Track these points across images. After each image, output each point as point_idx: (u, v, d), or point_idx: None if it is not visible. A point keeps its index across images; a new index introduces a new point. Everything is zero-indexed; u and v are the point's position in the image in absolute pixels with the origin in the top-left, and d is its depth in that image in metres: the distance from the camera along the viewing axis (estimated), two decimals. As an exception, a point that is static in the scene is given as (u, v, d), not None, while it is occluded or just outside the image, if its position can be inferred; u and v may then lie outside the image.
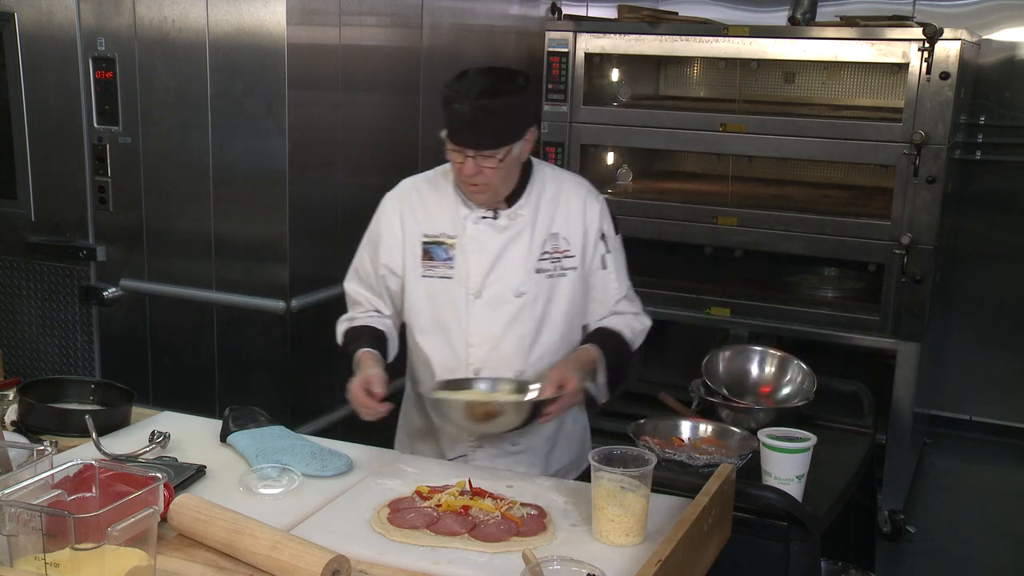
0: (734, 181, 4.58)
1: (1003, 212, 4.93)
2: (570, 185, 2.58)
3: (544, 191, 2.53)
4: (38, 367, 3.94)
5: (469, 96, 2.30)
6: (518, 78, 2.40)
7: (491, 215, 2.49)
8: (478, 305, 2.49)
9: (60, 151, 3.77)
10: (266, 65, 3.35)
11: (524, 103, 2.39)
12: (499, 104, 2.31)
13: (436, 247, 2.51)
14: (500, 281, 2.49)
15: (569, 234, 2.53)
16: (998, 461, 4.96)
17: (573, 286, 2.53)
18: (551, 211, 2.52)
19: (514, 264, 2.49)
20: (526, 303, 2.49)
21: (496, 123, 2.33)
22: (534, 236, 2.50)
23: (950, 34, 3.87)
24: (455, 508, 2.01)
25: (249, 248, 3.51)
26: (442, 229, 2.51)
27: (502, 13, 4.70)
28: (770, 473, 2.37)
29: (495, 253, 2.48)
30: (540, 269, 2.50)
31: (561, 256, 2.52)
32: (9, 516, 1.63)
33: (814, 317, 4.25)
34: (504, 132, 2.35)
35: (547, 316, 2.51)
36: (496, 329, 2.49)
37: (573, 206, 2.54)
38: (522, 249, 2.49)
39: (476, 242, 2.49)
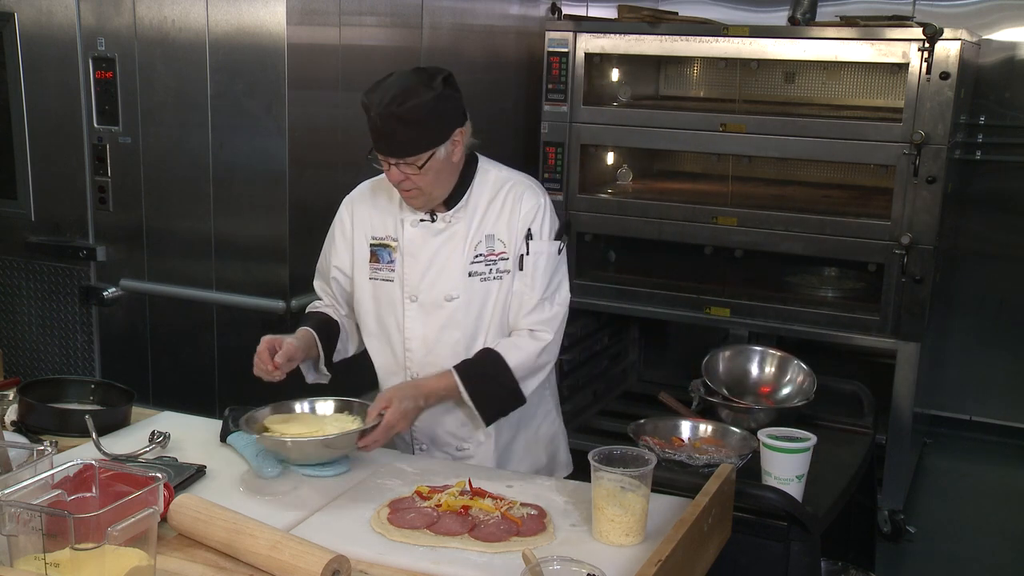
0: (734, 181, 4.57)
1: (1003, 212, 4.93)
2: (511, 184, 2.50)
3: (484, 192, 2.48)
4: (38, 367, 3.94)
5: (380, 105, 2.27)
6: (435, 80, 2.33)
7: (428, 218, 2.47)
8: (413, 309, 2.48)
9: (60, 151, 3.77)
10: (266, 65, 3.35)
11: (441, 105, 2.31)
12: (409, 111, 2.26)
13: (381, 249, 2.51)
14: (434, 285, 2.46)
15: (504, 235, 2.46)
16: (998, 461, 4.96)
17: (509, 288, 2.47)
18: (490, 212, 2.47)
19: (447, 267, 2.45)
20: (458, 307, 2.45)
21: (410, 131, 2.28)
22: (468, 239, 2.45)
23: (950, 34, 3.87)
24: (455, 508, 2.01)
25: (249, 248, 3.51)
26: (387, 232, 2.51)
27: (502, 13, 4.70)
28: (770, 473, 2.37)
29: (430, 256, 2.46)
30: (473, 272, 2.45)
31: (496, 258, 2.46)
32: (9, 516, 1.63)
33: (814, 317, 4.25)
34: (421, 138, 2.30)
35: (481, 320, 2.47)
36: (431, 333, 2.47)
37: (508, 205, 2.47)
38: (456, 252, 2.45)
39: (413, 245, 2.47)
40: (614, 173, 4.89)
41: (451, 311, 2.46)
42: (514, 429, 2.58)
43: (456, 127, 2.36)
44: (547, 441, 2.69)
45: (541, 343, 2.45)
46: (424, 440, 2.57)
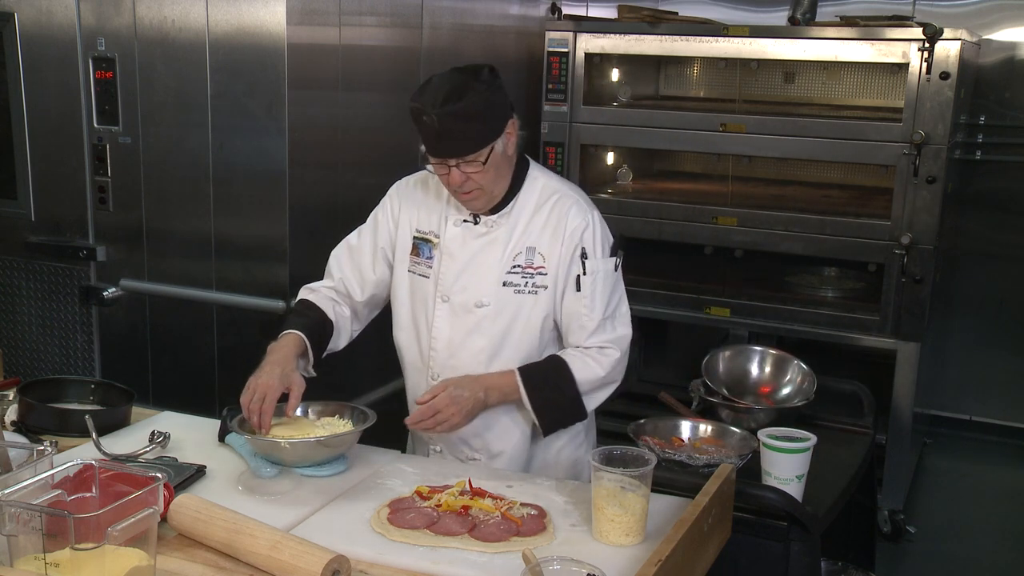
0: (734, 181, 4.58)
1: (1003, 212, 4.93)
2: (559, 196, 2.42)
3: (531, 200, 2.41)
4: (38, 367, 3.94)
5: (435, 106, 2.20)
6: (482, 73, 2.27)
7: (471, 220, 2.41)
8: (444, 309, 2.43)
9: (60, 151, 3.77)
10: (266, 65, 3.35)
11: (494, 97, 2.26)
12: (467, 106, 2.20)
13: (423, 244, 2.46)
14: (466, 288, 2.40)
15: (547, 250, 2.38)
16: (998, 461, 4.96)
17: (544, 306, 2.39)
18: (534, 223, 2.39)
19: (482, 273, 2.40)
20: (487, 315, 2.39)
21: (469, 126, 2.23)
22: (508, 247, 2.39)
23: (950, 34, 3.87)
24: (455, 508, 2.01)
25: (249, 248, 3.51)
26: (431, 227, 2.46)
27: (502, 13, 4.70)
28: (770, 473, 2.37)
29: (467, 259, 2.41)
30: (508, 283, 2.39)
31: (534, 272, 2.38)
32: (9, 516, 1.63)
33: (814, 317, 4.25)
34: (481, 133, 2.25)
35: (510, 333, 2.40)
36: (456, 336, 2.42)
37: (555, 219, 2.39)
38: (493, 259, 2.39)
39: (453, 244, 2.42)
40: (614, 173, 4.90)
41: (479, 318, 2.40)
42: (534, 448, 2.50)
43: (508, 118, 2.32)
44: (569, 464, 2.56)
45: (610, 359, 2.38)
46: (439, 443, 2.52)
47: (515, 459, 2.48)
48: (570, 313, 2.39)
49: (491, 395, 2.34)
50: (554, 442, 2.52)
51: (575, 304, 2.38)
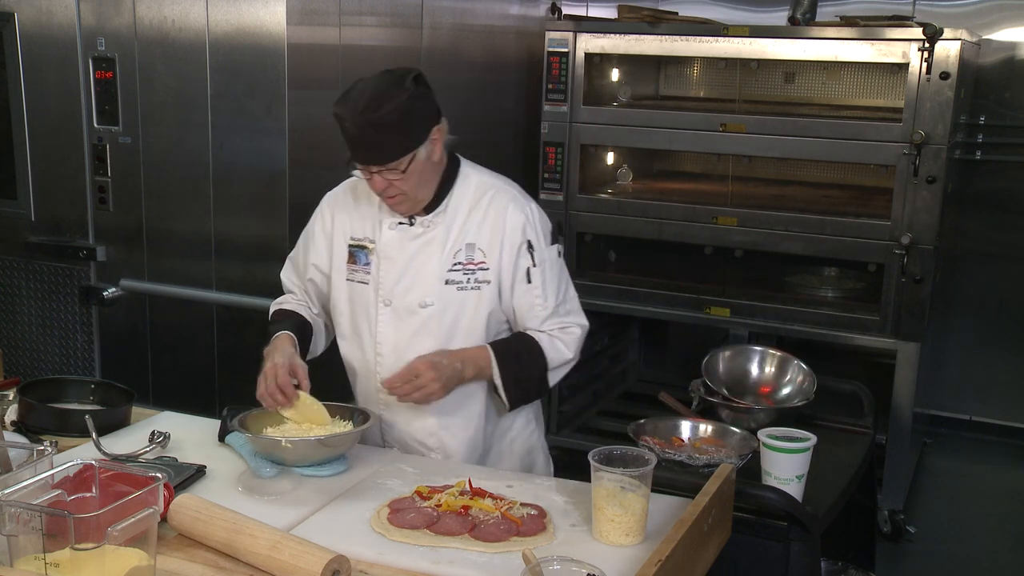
0: (734, 181, 4.57)
1: (1003, 212, 4.93)
2: (495, 191, 2.44)
3: (466, 197, 2.43)
4: (38, 367, 3.94)
5: (354, 114, 2.22)
6: (405, 80, 2.28)
7: (406, 221, 2.42)
8: (387, 314, 2.44)
9: (60, 151, 3.77)
10: (266, 65, 3.35)
11: (416, 105, 2.26)
12: (385, 116, 2.21)
13: (359, 251, 2.47)
14: (409, 290, 2.41)
15: (486, 245, 2.40)
16: (998, 461, 4.96)
17: (488, 301, 2.41)
18: (470, 219, 2.41)
19: (423, 274, 2.41)
20: (432, 315, 2.41)
21: (388, 136, 2.24)
22: (447, 245, 2.40)
23: (950, 34, 3.87)
24: (455, 508, 2.01)
25: (249, 248, 3.51)
26: (365, 233, 2.47)
27: (502, 13, 4.70)
28: (770, 473, 2.37)
29: (405, 261, 2.42)
30: (450, 280, 2.40)
31: (475, 268, 2.40)
32: (9, 516, 1.63)
33: (814, 317, 4.25)
34: (400, 142, 2.26)
35: (456, 330, 2.41)
36: (402, 339, 2.43)
37: (493, 214, 2.41)
38: (433, 258, 2.40)
39: (389, 248, 2.43)
40: (614, 173, 4.89)
41: (425, 318, 2.41)
42: (489, 440, 2.54)
43: (433, 125, 2.32)
44: (523, 454, 2.62)
45: (573, 337, 2.46)
46: (395, 443, 2.54)
47: (471, 453, 2.51)
48: (523, 305, 2.43)
49: (467, 367, 2.37)
50: (507, 433, 2.58)
51: (527, 296, 2.42)
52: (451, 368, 2.34)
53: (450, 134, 2.41)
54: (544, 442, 2.72)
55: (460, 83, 4.33)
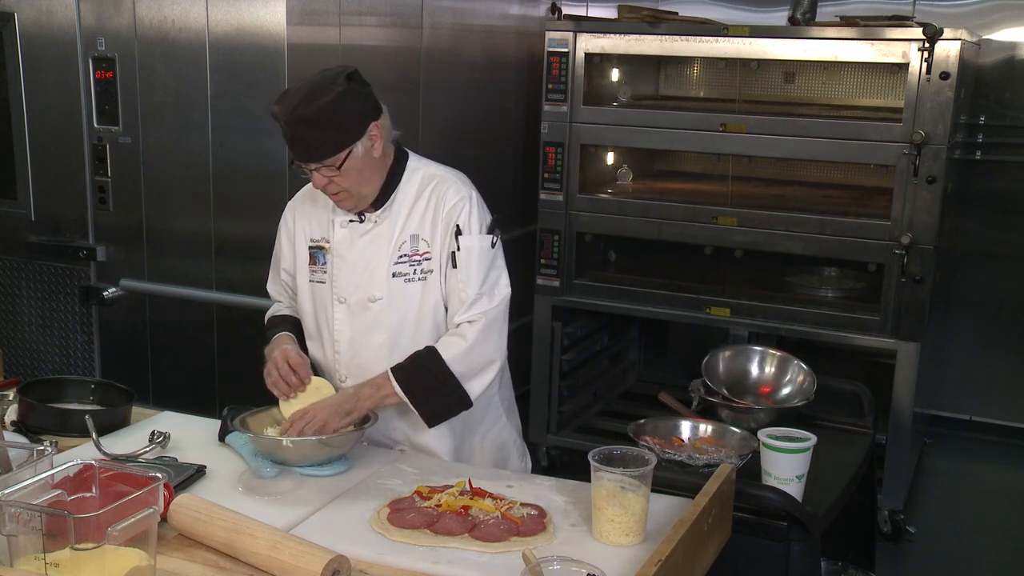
0: (734, 181, 4.57)
1: (1003, 212, 4.93)
2: (438, 181, 2.45)
3: (411, 190, 2.45)
4: (38, 367, 3.94)
5: (287, 112, 2.26)
6: (338, 79, 2.30)
7: (356, 219, 2.45)
8: (342, 310, 2.47)
9: (60, 151, 3.77)
10: (266, 65, 3.35)
11: (348, 103, 2.29)
12: (315, 113, 2.24)
13: (318, 251, 2.51)
14: (360, 286, 2.45)
15: (428, 234, 2.43)
16: (998, 461, 4.96)
17: (435, 290, 2.43)
18: (414, 211, 2.44)
19: (372, 268, 2.44)
20: (382, 309, 2.43)
21: (320, 132, 2.27)
22: (393, 239, 2.43)
23: (950, 34, 3.87)
24: (455, 508, 2.01)
25: (249, 248, 3.51)
26: (322, 233, 2.51)
27: (502, 13, 4.70)
28: (770, 473, 2.37)
29: (356, 258, 2.45)
30: (397, 273, 2.42)
31: (420, 259, 2.43)
32: (9, 516, 1.63)
33: (814, 317, 4.25)
34: (332, 139, 2.28)
35: (405, 322, 2.43)
36: (357, 335, 2.46)
37: (434, 202, 2.43)
38: (380, 252, 2.43)
39: (341, 246, 2.46)
40: (614, 173, 4.89)
41: (375, 313, 2.44)
42: (459, 436, 2.54)
43: (370, 121, 2.34)
44: (495, 448, 2.63)
45: (474, 328, 2.37)
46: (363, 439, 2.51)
47: (442, 451, 2.51)
48: (448, 291, 2.43)
49: (362, 390, 2.34)
50: (476, 428, 2.57)
51: (452, 280, 2.42)
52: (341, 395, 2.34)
53: (394, 129, 2.44)
54: (518, 437, 2.72)
55: (460, 83, 4.33)
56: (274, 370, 2.39)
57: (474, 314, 2.39)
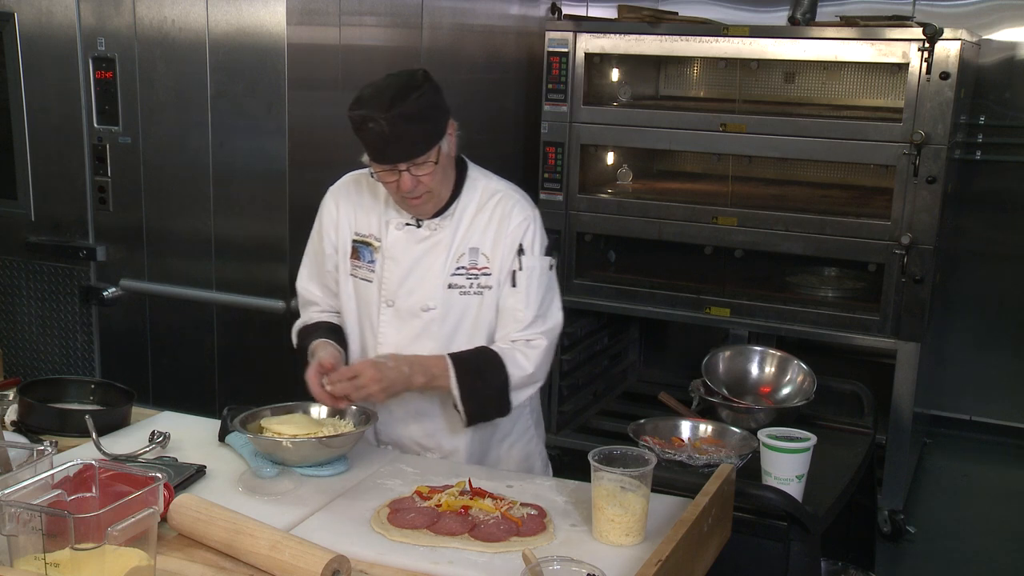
0: (734, 181, 4.58)
1: (1003, 212, 4.93)
2: (500, 196, 2.42)
3: (472, 201, 2.41)
4: (38, 367, 3.94)
5: (383, 110, 2.19)
6: (416, 76, 2.29)
7: (413, 223, 2.40)
8: (389, 314, 2.42)
9: (60, 151, 3.77)
10: (266, 65, 3.35)
11: (434, 98, 2.27)
12: (414, 107, 2.20)
13: (363, 247, 2.45)
14: (412, 293, 2.40)
15: (490, 249, 2.39)
16: (998, 461, 4.96)
17: (490, 305, 2.40)
18: (476, 224, 2.40)
19: (427, 277, 2.39)
20: (434, 319, 2.39)
21: (418, 127, 2.23)
22: (452, 249, 2.39)
23: (950, 34, 3.87)
24: (455, 508, 2.01)
25: (249, 248, 3.51)
26: (370, 230, 2.45)
27: (502, 13, 4.70)
28: (770, 473, 2.37)
29: (410, 263, 2.40)
30: (453, 285, 2.39)
31: (479, 273, 2.39)
32: (9, 516, 1.63)
33: (814, 317, 4.25)
34: (429, 133, 2.26)
35: (458, 335, 2.40)
36: (404, 341, 2.41)
37: (497, 218, 2.39)
38: (437, 262, 2.39)
39: (395, 249, 2.41)
40: (614, 173, 4.90)
41: (427, 322, 2.40)
42: (485, 444, 2.53)
43: (448, 119, 2.32)
44: (521, 458, 2.61)
45: (537, 351, 2.37)
46: (390, 443, 2.53)
47: (468, 456, 2.49)
48: (503, 308, 2.40)
49: (416, 372, 2.29)
50: (506, 438, 2.55)
51: (510, 299, 2.39)
52: (396, 371, 2.27)
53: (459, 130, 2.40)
54: (543, 449, 2.71)
55: (460, 83, 4.33)
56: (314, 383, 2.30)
57: (531, 334, 2.38)
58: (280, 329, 3.49)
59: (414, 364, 2.30)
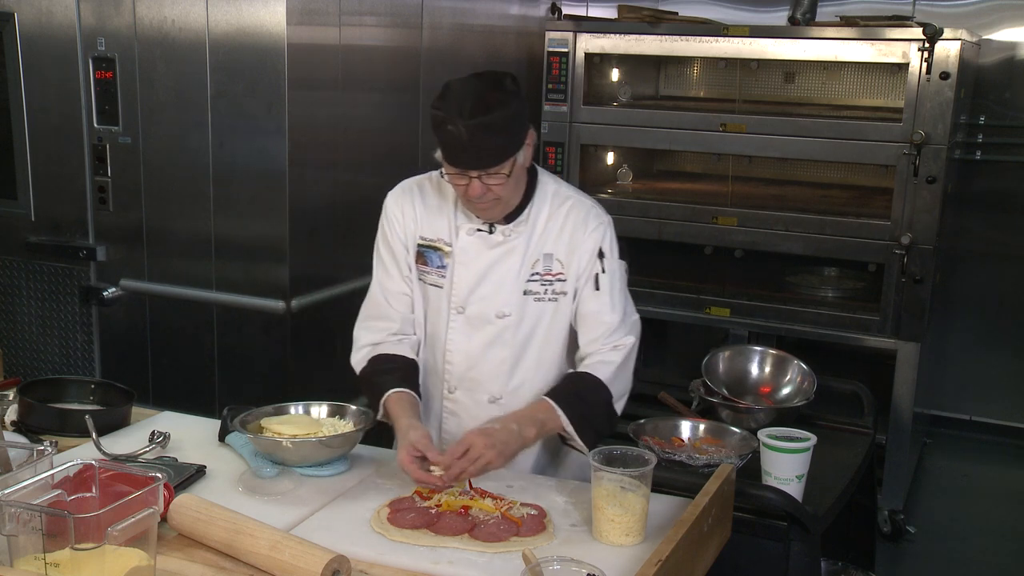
0: (734, 181, 4.58)
1: (1003, 212, 4.93)
2: (573, 203, 2.37)
3: (544, 208, 2.36)
4: (38, 367, 3.94)
5: (462, 116, 2.12)
6: (506, 82, 2.23)
7: (485, 229, 2.34)
8: (460, 321, 2.36)
9: (60, 151, 3.77)
10: (266, 65, 3.35)
11: (518, 108, 2.21)
12: (496, 118, 2.14)
13: (431, 252, 2.39)
14: (484, 299, 2.34)
15: (565, 256, 2.34)
16: (998, 461, 4.96)
17: (565, 312, 2.36)
18: (549, 230, 2.34)
19: (501, 283, 2.34)
20: (508, 326, 2.34)
21: (496, 139, 2.16)
22: (527, 255, 2.34)
23: (950, 34, 3.87)
24: (455, 508, 2.01)
25: (249, 248, 3.51)
26: (438, 234, 2.39)
27: (502, 13, 4.70)
28: (770, 473, 2.37)
29: (483, 269, 2.34)
30: (528, 291, 2.34)
31: (553, 279, 2.34)
32: (9, 516, 1.63)
33: (814, 317, 4.25)
34: (506, 146, 2.18)
35: (531, 342, 2.36)
36: (475, 349, 2.36)
37: (572, 225, 2.34)
38: (512, 268, 2.33)
39: (466, 255, 2.35)
40: (614, 173, 4.90)
41: (500, 329, 2.34)
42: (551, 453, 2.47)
43: (528, 129, 2.25)
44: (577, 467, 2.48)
45: (623, 351, 2.33)
46: None
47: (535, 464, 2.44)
48: (588, 312, 2.34)
49: (524, 425, 2.19)
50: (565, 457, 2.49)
51: (594, 302, 2.34)
52: (505, 431, 2.15)
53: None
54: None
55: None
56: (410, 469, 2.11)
57: (617, 340, 2.33)
58: (280, 329, 3.49)
59: (520, 418, 2.22)
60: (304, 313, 3.50)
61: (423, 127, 4.04)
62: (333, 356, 3.64)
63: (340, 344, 3.63)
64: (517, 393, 2.38)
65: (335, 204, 3.62)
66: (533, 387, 2.38)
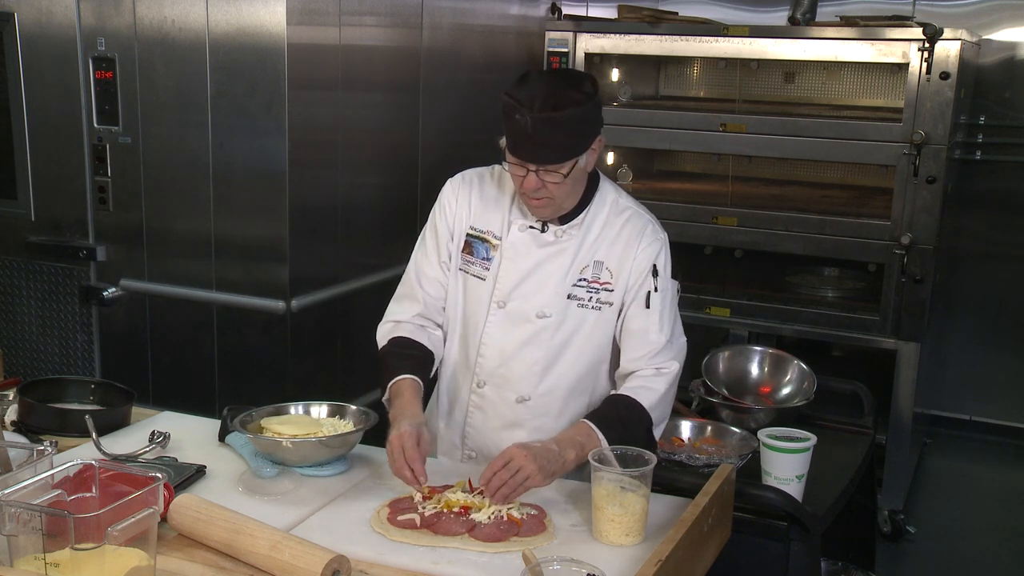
0: (734, 181, 4.58)
1: (1003, 212, 4.93)
2: (631, 214, 2.35)
3: (601, 214, 2.33)
4: (38, 367, 3.94)
5: (532, 108, 2.10)
6: (584, 84, 2.20)
7: (538, 227, 2.31)
8: (498, 316, 2.33)
9: (60, 151, 3.77)
10: (266, 65, 3.35)
11: (591, 112, 2.19)
12: (565, 116, 2.12)
13: (478, 243, 2.36)
14: (526, 297, 2.31)
15: (615, 266, 2.31)
16: (998, 461, 4.96)
17: (607, 323, 2.31)
18: (603, 238, 2.32)
19: (545, 283, 2.30)
20: (547, 327, 2.30)
21: (561, 137, 2.14)
22: (576, 259, 2.31)
23: (950, 34, 3.87)
24: (455, 508, 2.01)
25: (249, 248, 3.51)
26: (489, 227, 2.35)
27: (502, 13, 4.70)
28: (770, 473, 2.37)
29: (529, 267, 2.31)
30: (572, 295, 2.30)
31: (600, 288, 2.30)
32: (9, 516, 1.63)
33: (814, 317, 4.25)
34: (569, 145, 2.17)
35: (567, 347, 2.32)
36: (509, 346, 2.33)
37: (627, 237, 2.32)
38: (559, 269, 2.30)
39: (514, 250, 2.32)
40: (614, 173, 4.89)
41: (538, 329, 2.31)
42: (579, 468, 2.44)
43: (597, 135, 2.24)
44: None
45: (667, 376, 2.28)
46: (475, 451, 2.44)
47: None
48: (635, 329, 2.30)
49: (564, 447, 2.13)
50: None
51: (642, 320, 2.29)
52: (545, 449, 2.10)
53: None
54: None
55: (460, 83, 4.33)
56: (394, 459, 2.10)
57: (662, 362, 2.28)
58: (280, 329, 3.49)
59: (560, 440, 2.16)
60: (304, 313, 3.50)
61: (423, 127, 4.04)
62: (333, 356, 3.64)
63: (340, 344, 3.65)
64: (546, 397, 2.35)
65: (335, 204, 3.62)
66: (563, 393, 2.35)
